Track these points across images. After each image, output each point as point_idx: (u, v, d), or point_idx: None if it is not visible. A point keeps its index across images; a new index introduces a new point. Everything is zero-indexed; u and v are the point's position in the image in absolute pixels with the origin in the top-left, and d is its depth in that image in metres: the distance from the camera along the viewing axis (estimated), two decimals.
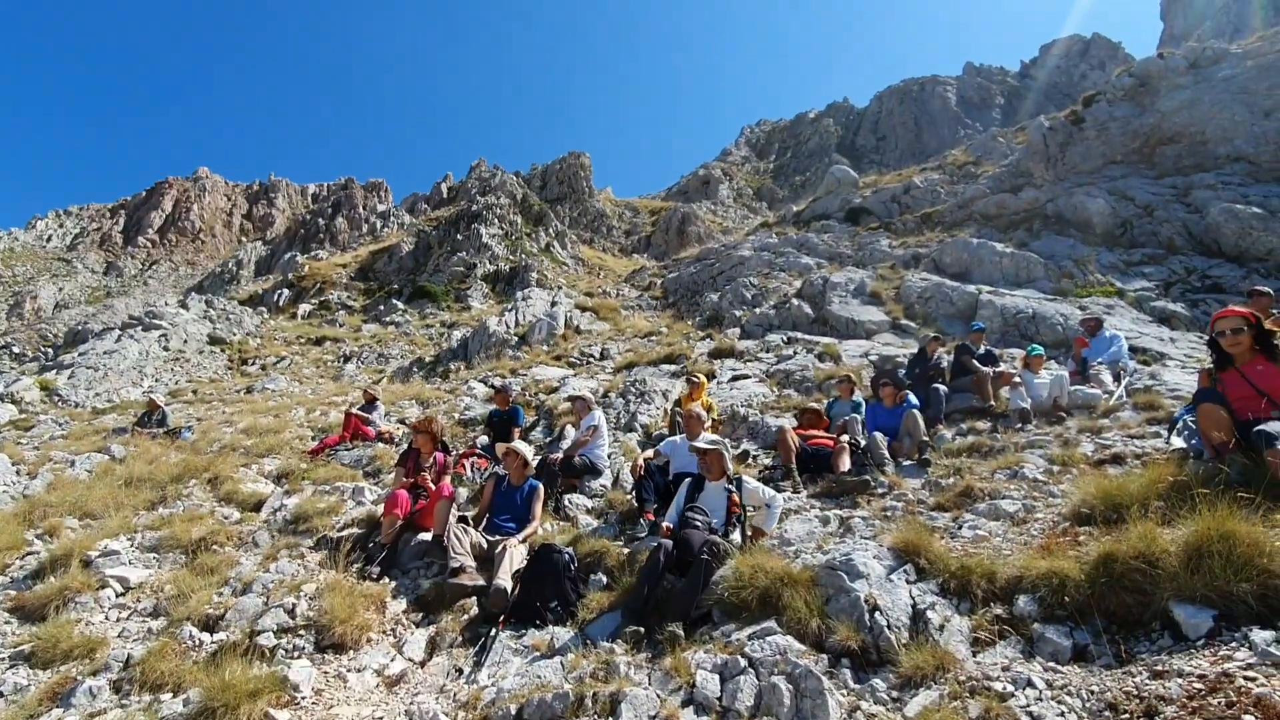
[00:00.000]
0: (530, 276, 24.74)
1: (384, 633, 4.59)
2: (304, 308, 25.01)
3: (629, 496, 6.30)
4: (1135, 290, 12.46)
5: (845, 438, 6.61)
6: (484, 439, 8.26)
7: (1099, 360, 8.49)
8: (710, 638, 3.78)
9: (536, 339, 14.91)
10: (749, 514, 5.10)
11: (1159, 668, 2.73)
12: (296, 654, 4.10)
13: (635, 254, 36.25)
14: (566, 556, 4.79)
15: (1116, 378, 8.17)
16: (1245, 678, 2.49)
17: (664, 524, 4.82)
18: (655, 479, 5.92)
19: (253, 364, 18.08)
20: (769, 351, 11.17)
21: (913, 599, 3.65)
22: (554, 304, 17.03)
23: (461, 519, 5.56)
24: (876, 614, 3.54)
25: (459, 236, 29.48)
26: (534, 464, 6.10)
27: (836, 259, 17.30)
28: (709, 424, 7.80)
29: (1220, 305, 10.47)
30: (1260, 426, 3.93)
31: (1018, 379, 7.72)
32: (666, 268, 22.72)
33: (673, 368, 11.00)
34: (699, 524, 4.52)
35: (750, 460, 7.45)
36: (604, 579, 4.93)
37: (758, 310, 14.33)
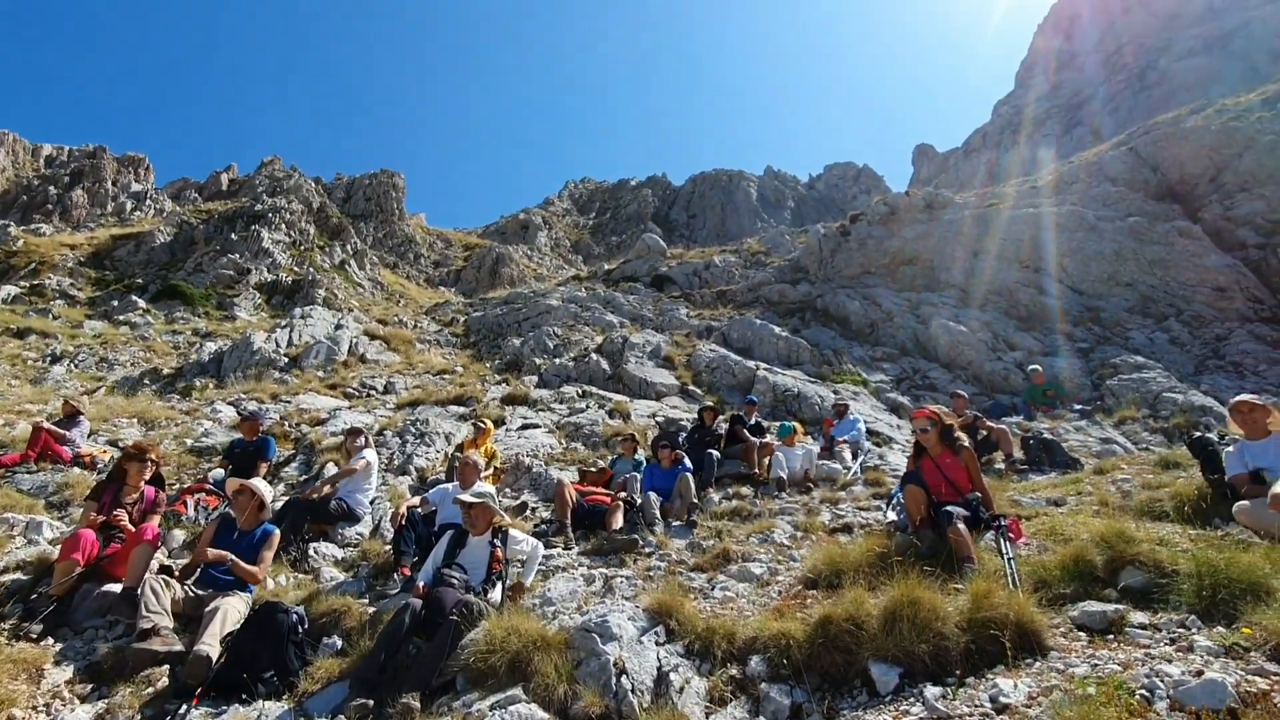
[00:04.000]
0: (316, 293, 22.48)
1: (35, 709, 3.64)
2: (8, 290, 20.11)
3: (388, 548, 5.77)
4: (876, 381, 14.64)
5: (624, 495, 6.76)
6: (219, 472, 7.09)
7: (842, 439, 9.73)
8: (449, 709, 3.49)
9: (311, 363, 13.42)
10: (515, 568, 4.92)
11: None
12: None
13: (443, 286, 34.79)
14: (294, 617, 4.19)
15: (855, 456, 9.39)
16: None
17: (418, 581, 4.44)
18: (418, 529, 5.49)
19: None
20: (563, 403, 11.21)
21: (659, 661, 3.70)
22: (339, 326, 15.55)
23: (165, 569, 4.65)
24: (623, 678, 3.53)
25: (234, 236, 25.98)
26: (272, 506, 5.34)
27: (638, 320, 18.15)
28: (489, 473, 7.52)
29: (933, 401, 12.69)
30: (946, 507, 4.72)
31: (779, 450, 8.55)
32: (473, 305, 22.08)
33: (461, 410, 10.51)
34: (455, 581, 4.23)
35: (529, 513, 7.27)
36: (339, 643, 4.39)
37: (558, 361, 14.41)
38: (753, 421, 9.43)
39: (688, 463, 7.43)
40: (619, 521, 6.07)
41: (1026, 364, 14.12)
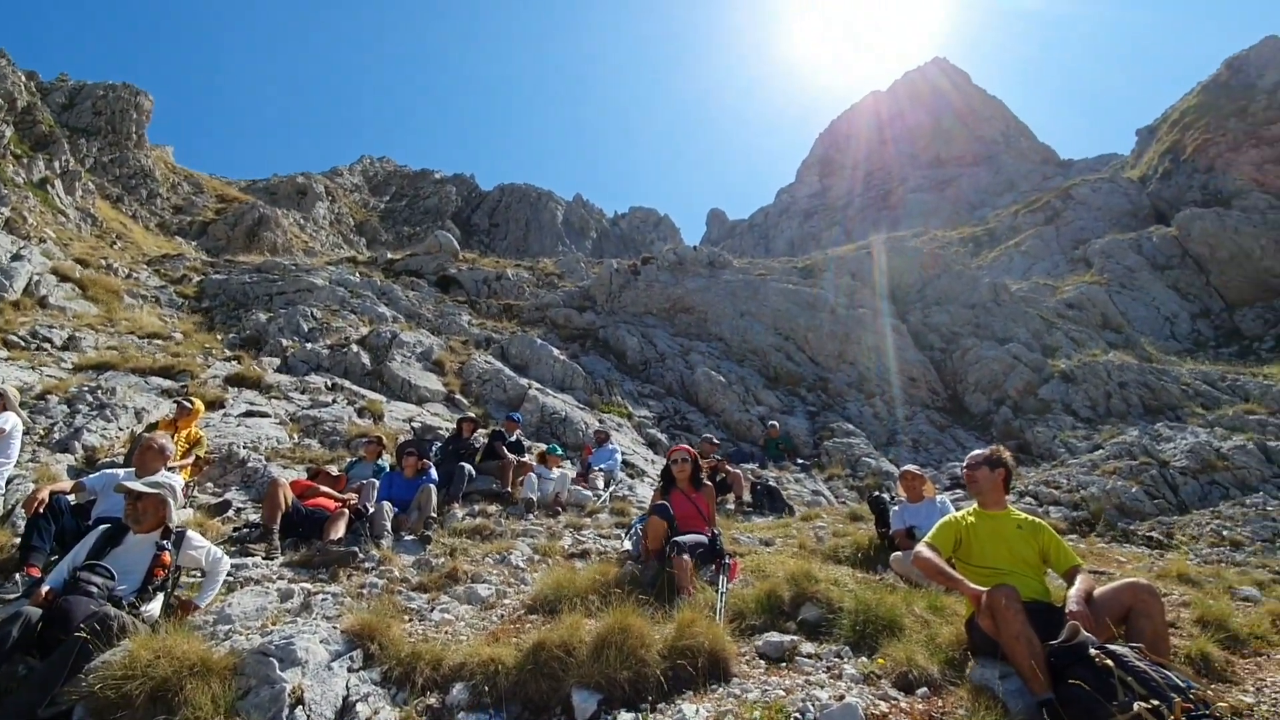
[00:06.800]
0: None
1: None
2: None
3: (18, 540, 4.51)
4: (640, 416, 15.40)
5: (354, 502, 6.12)
6: None
7: (599, 467, 9.97)
8: None
9: None
10: (196, 577, 4.13)
11: None
12: None
13: (181, 237, 29.34)
14: None
15: (607, 484, 9.67)
16: None
17: (44, 586, 3.50)
18: (62, 520, 4.38)
19: None
20: (305, 393, 9.94)
21: (348, 689, 3.33)
22: (17, 257, 12.17)
23: None
24: (299, 709, 3.11)
25: None
26: None
27: (414, 319, 17.04)
28: (189, 462, 6.38)
29: (688, 441, 13.66)
30: (678, 538, 5.00)
31: (535, 471, 8.47)
32: (215, 266, 18.85)
33: (168, 384, 8.77)
34: (94, 589, 3.39)
35: (232, 513, 6.24)
36: None
37: (310, 346, 12.82)
38: (513, 439, 9.25)
39: (433, 474, 7.00)
40: (340, 531, 5.45)
41: (767, 418, 15.91)
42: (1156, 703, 2.50)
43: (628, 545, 6.16)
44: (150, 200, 32.39)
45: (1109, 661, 2.71)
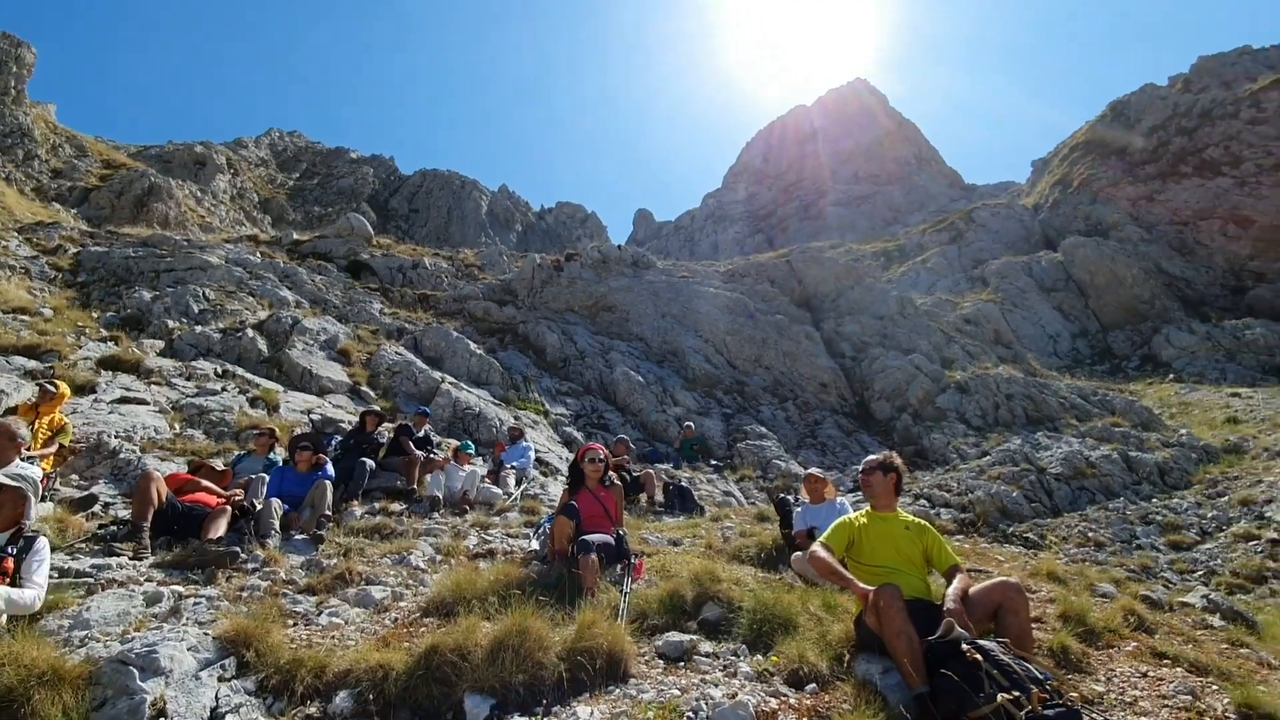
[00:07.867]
0: None
1: None
2: None
3: None
4: (556, 414, 15.25)
5: (239, 498, 5.71)
6: None
7: (511, 464, 9.78)
8: None
9: None
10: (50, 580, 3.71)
11: None
12: None
13: (59, 203, 26.52)
14: None
15: (519, 482, 9.49)
16: None
17: None
18: None
19: None
20: (191, 380, 9.17)
21: (218, 700, 3.10)
22: None
23: None
24: None
25: None
26: None
27: (320, 304, 16.14)
28: (51, 451, 5.79)
29: (604, 441, 13.62)
30: (585, 537, 4.95)
31: (442, 468, 8.19)
32: (96, 237, 17.15)
33: (32, 365, 7.89)
34: None
35: (99, 508, 5.69)
36: None
37: (200, 329, 11.85)
38: (421, 434, 8.93)
39: (330, 469, 6.64)
40: (221, 529, 5.05)
41: (684, 419, 16.12)
42: (1017, 693, 2.69)
43: (535, 545, 6.06)
44: (27, 161, 29.06)
45: (978, 656, 2.88)
